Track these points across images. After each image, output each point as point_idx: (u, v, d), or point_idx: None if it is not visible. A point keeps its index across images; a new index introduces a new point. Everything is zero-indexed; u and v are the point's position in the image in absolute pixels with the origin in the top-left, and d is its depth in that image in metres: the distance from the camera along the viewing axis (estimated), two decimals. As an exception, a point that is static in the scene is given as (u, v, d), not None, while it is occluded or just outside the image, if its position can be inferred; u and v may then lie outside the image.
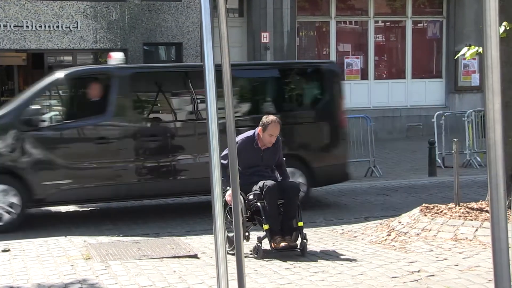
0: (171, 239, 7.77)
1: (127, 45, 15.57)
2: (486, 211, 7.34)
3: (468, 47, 7.89)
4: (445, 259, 6.30)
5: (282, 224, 6.82)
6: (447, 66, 18.64)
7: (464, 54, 7.79)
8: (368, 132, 13.30)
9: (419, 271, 5.94)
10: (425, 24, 19.15)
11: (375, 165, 12.98)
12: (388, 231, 7.57)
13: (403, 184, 11.90)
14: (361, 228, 8.03)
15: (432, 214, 7.64)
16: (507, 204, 7.13)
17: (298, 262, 6.48)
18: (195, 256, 6.84)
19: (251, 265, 6.40)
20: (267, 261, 6.58)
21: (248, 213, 6.86)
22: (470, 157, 13.52)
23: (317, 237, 7.69)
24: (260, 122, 7.06)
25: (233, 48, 17.25)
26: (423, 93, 18.62)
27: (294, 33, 17.61)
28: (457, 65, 18.20)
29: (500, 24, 7.38)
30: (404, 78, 18.67)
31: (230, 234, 6.87)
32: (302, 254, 6.70)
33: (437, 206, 7.95)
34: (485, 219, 7.12)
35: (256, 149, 7.05)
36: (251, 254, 6.74)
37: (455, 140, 8.64)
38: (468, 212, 7.60)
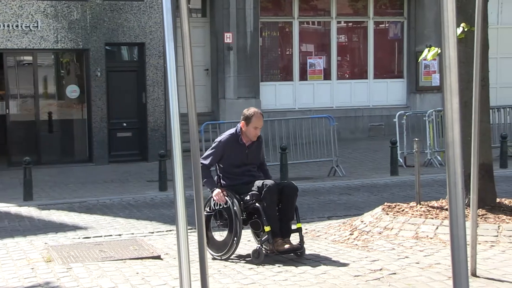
0: (134, 240, 7.72)
1: (89, 45, 15.41)
2: (446, 209, 7.44)
3: (428, 48, 8.00)
4: (407, 257, 6.37)
5: (280, 225, 6.56)
6: (408, 66, 18.86)
7: (426, 56, 7.89)
8: (331, 132, 13.39)
9: (381, 269, 6.00)
10: (387, 25, 19.34)
11: (338, 165, 13.07)
12: (350, 230, 7.63)
13: (365, 183, 12.01)
14: (324, 228, 8.08)
15: (394, 213, 7.72)
16: (465, 202, 7.27)
17: (262, 262, 6.48)
18: (158, 257, 6.80)
19: (214, 265, 6.39)
20: (231, 261, 6.58)
21: (244, 215, 6.60)
22: (431, 156, 13.71)
23: (280, 237, 7.70)
24: (242, 116, 6.80)
25: (196, 48, 17.20)
26: (385, 93, 18.80)
27: (257, 33, 17.63)
28: (418, 65, 18.42)
29: (459, 25, 7.51)
30: (366, 78, 18.83)
31: (220, 239, 6.77)
32: (300, 255, 6.53)
33: (398, 205, 8.04)
34: (445, 217, 7.22)
35: (241, 146, 6.77)
36: (245, 258, 6.65)
37: (416, 139, 8.75)
38: (429, 211, 7.70)
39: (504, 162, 13.23)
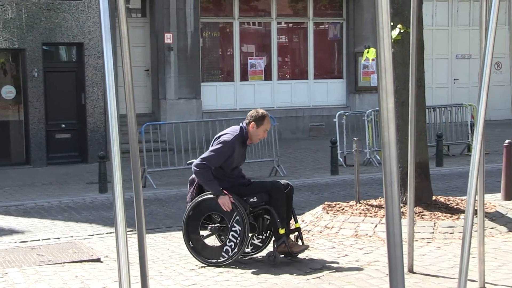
0: (73, 243, 7.59)
1: (25, 44, 15.08)
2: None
3: (367, 49, 8.13)
4: (347, 255, 6.47)
5: None
6: (347, 67, 19.11)
7: (367, 57, 8.01)
8: (272, 132, 13.46)
9: (321, 268, 6.07)
10: (326, 26, 19.55)
11: (279, 165, 13.15)
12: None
13: (306, 183, 12.11)
14: (265, 227, 8.10)
15: (334, 212, 7.82)
16: (403, 200, 7.39)
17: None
18: (98, 260, 6.71)
19: (155, 267, 6.35)
20: (171, 263, 6.54)
21: (250, 219, 6.28)
22: (370, 155, 13.93)
23: (222, 237, 7.71)
24: (251, 117, 6.37)
25: (136, 48, 17.02)
26: (325, 93, 19.01)
27: (197, 33, 17.58)
28: (357, 66, 18.69)
29: (395, 27, 7.66)
30: (307, 78, 19.00)
31: (216, 244, 6.41)
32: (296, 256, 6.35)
33: (339, 204, 8.15)
34: (383, 215, 7.33)
35: (244, 147, 6.48)
36: (186, 259, 6.58)
37: (355, 139, 8.88)
38: (368, 209, 7.83)
39: (439, 160, 13.55)
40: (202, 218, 6.35)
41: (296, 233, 6.39)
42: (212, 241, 6.51)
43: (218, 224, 6.33)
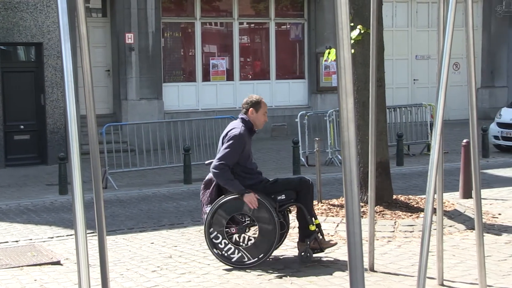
0: (32, 246, 7.48)
1: (-17, 44, 14.83)
2: (346, 207, 7.63)
3: (328, 49, 8.19)
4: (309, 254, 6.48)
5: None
6: (309, 67, 19.21)
7: (328, 57, 8.07)
8: (234, 133, 13.45)
9: (283, 267, 6.09)
10: (288, 26, 19.63)
11: (242, 165, 13.14)
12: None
13: (268, 183, 12.12)
14: (228, 228, 8.10)
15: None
16: (364, 199, 7.44)
17: (165, 264, 6.44)
18: (58, 263, 6.62)
19: (117, 269, 6.30)
20: (134, 264, 6.49)
21: (280, 217, 6.14)
22: (332, 155, 14.01)
23: (184, 238, 7.69)
24: (247, 104, 6.33)
25: (96, 48, 16.86)
26: (287, 93, 19.08)
27: (159, 34, 17.48)
28: (318, 66, 18.80)
29: (356, 28, 7.72)
30: (269, 79, 19.04)
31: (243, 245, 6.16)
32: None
33: (300, 204, 8.17)
34: (345, 215, 7.40)
35: (251, 136, 6.35)
36: (148, 260, 6.57)
37: (317, 139, 8.93)
38: (330, 209, 7.88)
39: (400, 160, 13.71)
40: (225, 222, 6.13)
41: (317, 229, 6.31)
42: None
43: (245, 223, 6.14)
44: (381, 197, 7.59)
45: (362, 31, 7.68)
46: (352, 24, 7.81)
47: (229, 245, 6.11)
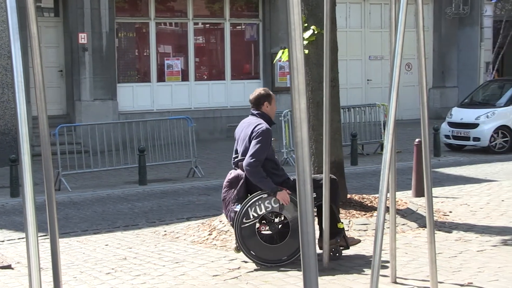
0: (-17, 250, 7.33)
1: None
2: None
3: (282, 50, 8.22)
4: (264, 254, 6.50)
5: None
6: (264, 67, 19.26)
7: (281, 57, 8.10)
8: (190, 133, 13.42)
9: (239, 268, 6.09)
10: (243, 27, 19.65)
11: (197, 166, 13.12)
12: (209, 231, 7.68)
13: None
14: (183, 229, 8.08)
15: (251, 212, 7.85)
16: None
17: (120, 266, 6.39)
18: (9, 267, 6.50)
19: (70, 272, 6.22)
20: (87, 267, 6.42)
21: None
22: (287, 155, 14.08)
23: (139, 240, 7.63)
24: (263, 97, 6.29)
25: (49, 49, 16.62)
26: (242, 93, 19.06)
27: (113, 34, 17.31)
28: (273, 66, 18.87)
29: (309, 28, 7.78)
30: (224, 79, 19.04)
31: (276, 244, 6.08)
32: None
33: (256, 204, 8.18)
34: (300, 214, 7.44)
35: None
36: (102, 263, 6.48)
37: (272, 139, 8.95)
38: (285, 208, 7.90)
39: (354, 159, 13.85)
40: (257, 222, 6.05)
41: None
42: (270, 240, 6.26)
43: (277, 221, 6.08)
44: (336, 196, 7.65)
45: (316, 32, 7.73)
46: (306, 24, 7.86)
47: (262, 245, 6.05)
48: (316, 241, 5.12)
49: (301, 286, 5.10)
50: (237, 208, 6.07)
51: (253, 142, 6.09)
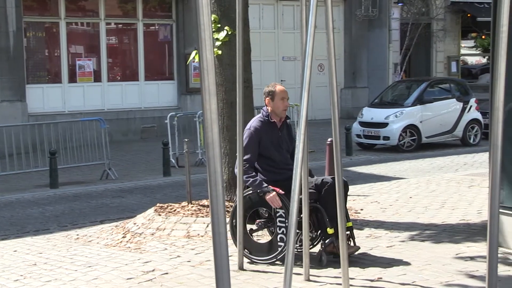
0: None
1: None
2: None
3: (196, 50, 8.21)
4: (179, 256, 6.48)
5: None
6: (178, 68, 19.15)
7: (194, 58, 8.08)
8: (103, 135, 13.19)
9: (153, 270, 6.04)
10: (157, 27, 19.48)
11: (111, 168, 12.91)
12: (123, 233, 7.58)
13: (138, 185, 12.00)
14: (96, 232, 7.94)
15: (166, 213, 7.81)
16: (234, 199, 7.48)
17: (29, 273, 6.20)
18: None
19: (-24, 280, 5.99)
20: (-5, 274, 6.21)
21: (298, 216, 5.92)
22: (202, 156, 14.06)
23: (50, 245, 7.44)
24: (263, 94, 6.24)
25: (-48, 48, 15.96)
26: (156, 94, 18.93)
27: (21, 33, 16.79)
28: (187, 67, 18.79)
29: (223, 29, 7.80)
30: (138, 80, 18.81)
31: (262, 241, 6.12)
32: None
33: (171, 205, 8.14)
34: (215, 214, 7.45)
35: (274, 126, 6.12)
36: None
37: (186, 140, 8.94)
38: (200, 209, 7.90)
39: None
40: (248, 215, 6.02)
41: (348, 233, 5.92)
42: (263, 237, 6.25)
43: (264, 220, 5.99)
44: (250, 197, 7.68)
45: (229, 33, 7.76)
46: (219, 25, 7.88)
47: (251, 240, 6.03)
48: (225, 243, 5.15)
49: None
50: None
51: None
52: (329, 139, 9.53)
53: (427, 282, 5.39)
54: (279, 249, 5.87)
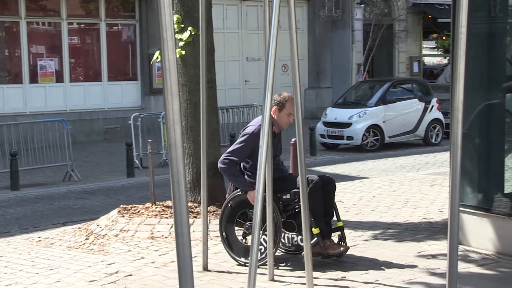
0: None
1: None
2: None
3: (159, 51, 8.16)
4: (143, 257, 6.44)
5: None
6: (142, 68, 19.04)
7: (158, 58, 8.04)
8: (65, 136, 13.04)
9: (117, 272, 5.99)
10: (120, 27, 19.33)
11: (73, 169, 12.76)
12: (86, 235, 7.50)
13: (102, 186, 11.88)
14: (58, 234, 7.84)
15: (130, 215, 7.75)
16: (197, 200, 7.47)
17: (-10, 276, 6.10)
18: None
19: None
20: (-45, 278, 6.09)
21: (284, 216, 5.87)
22: (166, 156, 13.99)
23: (11, 248, 7.33)
24: (273, 101, 5.97)
25: None
26: (120, 95, 18.79)
27: (-20, 32, 16.55)
28: (151, 67, 18.69)
29: (186, 29, 7.78)
30: (101, 80, 18.64)
31: (248, 243, 5.96)
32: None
33: (134, 207, 8.08)
34: (179, 215, 7.42)
35: (272, 136, 5.84)
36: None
37: (150, 141, 8.88)
38: (164, 210, 7.85)
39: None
40: (236, 217, 5.98)
41: (339, 233, 5.93)
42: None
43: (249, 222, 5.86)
44: (214, 197, 7.67)
45: (193, 33, 7.74)
46: (182, 25, 7.85)
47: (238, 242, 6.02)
48: (188, 244, 5.13)
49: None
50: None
51: (237, 140, 6.10)
52: (293, 139, 9.57)
53: (390, 281, 5.44)
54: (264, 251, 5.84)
